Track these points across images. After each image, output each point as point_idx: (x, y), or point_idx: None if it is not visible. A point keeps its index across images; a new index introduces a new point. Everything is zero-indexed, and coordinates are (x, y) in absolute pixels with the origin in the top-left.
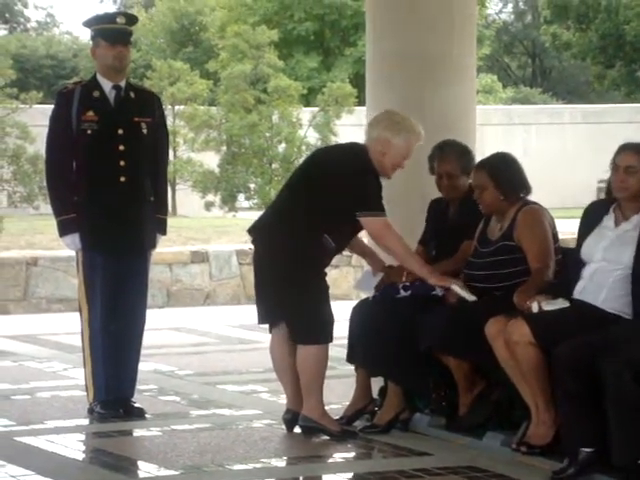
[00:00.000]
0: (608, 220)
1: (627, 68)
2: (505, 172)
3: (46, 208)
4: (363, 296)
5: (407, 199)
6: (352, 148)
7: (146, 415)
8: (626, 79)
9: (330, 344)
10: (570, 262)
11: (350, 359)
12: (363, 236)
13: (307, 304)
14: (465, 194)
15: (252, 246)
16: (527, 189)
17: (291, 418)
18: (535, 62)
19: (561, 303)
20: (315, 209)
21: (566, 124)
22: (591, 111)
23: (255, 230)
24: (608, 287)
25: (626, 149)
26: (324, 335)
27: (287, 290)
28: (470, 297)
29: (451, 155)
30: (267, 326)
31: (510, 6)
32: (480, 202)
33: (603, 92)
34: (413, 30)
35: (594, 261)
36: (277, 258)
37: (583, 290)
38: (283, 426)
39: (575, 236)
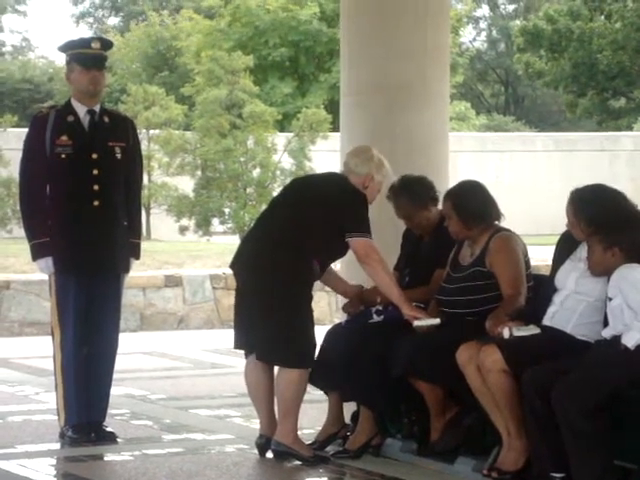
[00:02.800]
0: (581, 250)
1: (599, 97)
2: (468, 203)
3: (19, 231)
4: (336, 321)
5: (380, 225)
6: (336, 175)
7: (118, 439)
8: (598, 108)
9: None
10: (542, 289)
11: (313, 382)
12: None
13: (295, 327)
14: (438, 222)
15: (233, 276)
16: (492, 218)
17: (264, 443)
18: (508, 90)
19: (532, 329)
20: (303, 235)
21: (539, 152)
22: (563, 139)
23: (237, 263)
24: (578, 314)
25: (568, 203)
26: (307, 359)
27: (274, 313)
28: (435, 321)
29: (399, 199)
30: (240, 351)
31: (483, 34)
32: (449, 230)
33: (575, 120)
34: (387, 57)
35: (566, 289)
36: (265, 282)
37: (553, 316)
38: (255, 451)
39: (547, 263)
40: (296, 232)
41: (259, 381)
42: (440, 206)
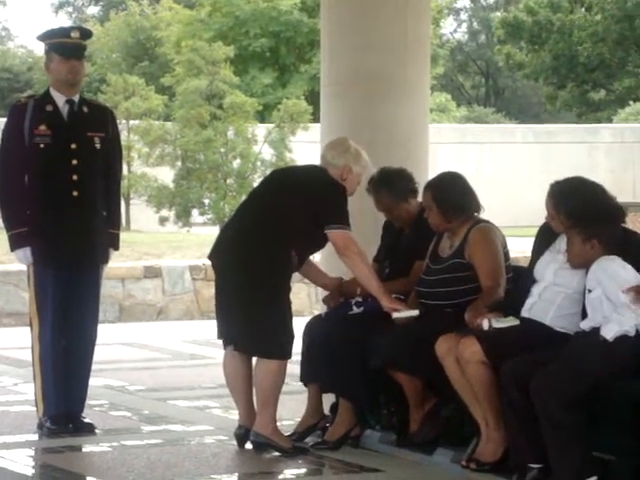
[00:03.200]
0: (560, 242)
1: (579, 89)
2: (447, 194)
3: None
4: (316, 312)
5: (360, 217)
6: (315, 167)
7: (96, 430)
8: (578, 100)
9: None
10: (521, 281)
11: (303, 378)
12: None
13: (273, 318)
14: (418, 214)
15: (211, 266)
16: (472, 209)
17: (243, 434)
18: (488, 82)
19: (511, 321)
20: (283, 225)
21: (518, 143)
22: (543, 131)
23: (216, 253)
24: (557, 305)
25: (547, 196)
26: (286, 350)
27: (253, 304)
28: (413, 312)
29: (378, 192)
30: (220, 342)
31: (464, 26)
32: (429, 221)
33: (555, 112)
34: (367, 48)
35: (544, 280)
36: (244, 273)
37: (532, 308)
38: (234, 442)
39: (526, 255)
40: (275, 223)
41: (237, 372)
42: (420, 198)
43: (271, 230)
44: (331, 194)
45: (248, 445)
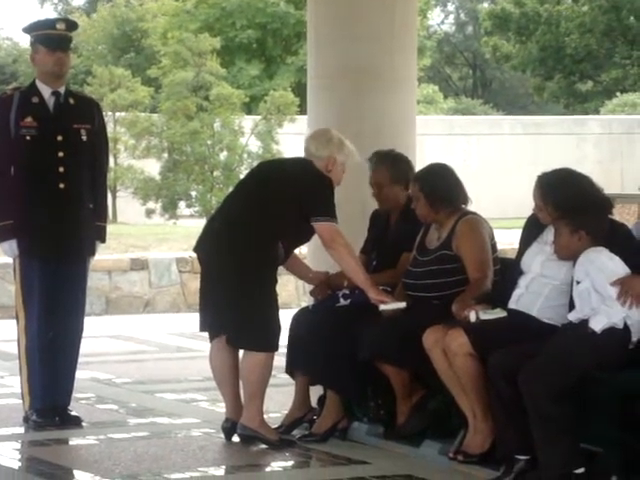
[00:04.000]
0: (547, 234)
1: (566, 80)
2: (436, 185)
3: None
4: (303, 304)
5: (347, 207)
6: (302, 160)
7: (83, 423)
8: (565, 91)
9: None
10: (508, 272)
11: (288, 369)
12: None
13: (259, 311)
14: (405, 205)
15: (197, 258)
16: (460, 201)
17: (230, 427)
18: (476, 73)
19: (499, 313)
20: (269, 217)
21: (506, 135)
22: (531, 122)
23: (202, 245)
24: (544, 297)
25: (535, 187)
26: (273, 343)
27: (239, 297)
28: (400, 304)
29: (379, 165)
30: (207, 335)
31: (451, 17)
32: (416, 212)
33: (543, 104)
34: (353, 40)
35: (531, 272)
36: (230, 265)
37: (519, 299)
38: (222, 435)
39: (514, 247)
40: (261, 215)
41: (224, 365)
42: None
43: (257, 222)
44: (317, 186)
45: (235, 438)
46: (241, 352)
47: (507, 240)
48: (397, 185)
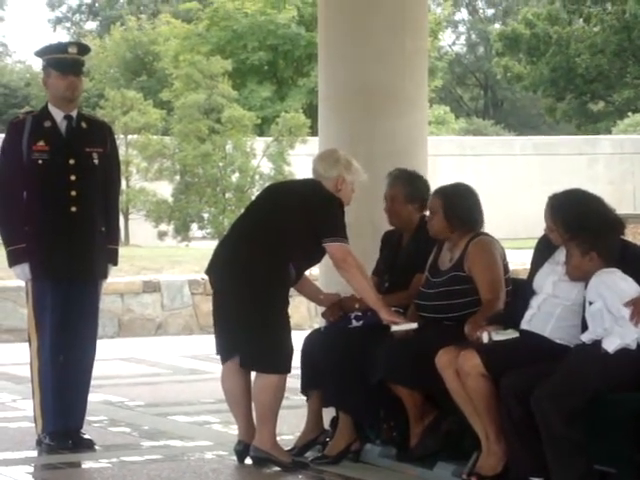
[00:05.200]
0: (559, 254)
1: (578, 100)
2: (458, 205)
3: None
4: (316, 326)
5: (358, 228)
6: (311, 181)
7: (95, 447)
8: (577, 111)
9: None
10: (520, 293)
11: (304, 389)
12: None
13: (272, 333)
14: (418, 226)
15: (209, 281)
16: (477, 225)
17: (242, 449)
18: (487, 94)
19: (511, 333)
20: (280, 239)
21: (517, 155)
22: (542, 142)
23: (213, 268)
24: (556, 317)
25: (546, 208)
26: (286, 365)
27: (251, 319)
28: (412, 325)
29: (397, 181)
30: (219, 357)
31: (463, 38)
32: (429, 226)
33: (554, 124)
34: (365, 61)
35: (543, 292)
36: (242, 288)
37: (531, 320)
38: (234, 457)
39: (526, 267)
40: (272, 237)
41: (236, 387)
42: (425, 212)
43: (268, 244)
44: (328, 207)
45: (248, 460)
46: (253, 374)
47: (519, 260)
48: (411, 204)
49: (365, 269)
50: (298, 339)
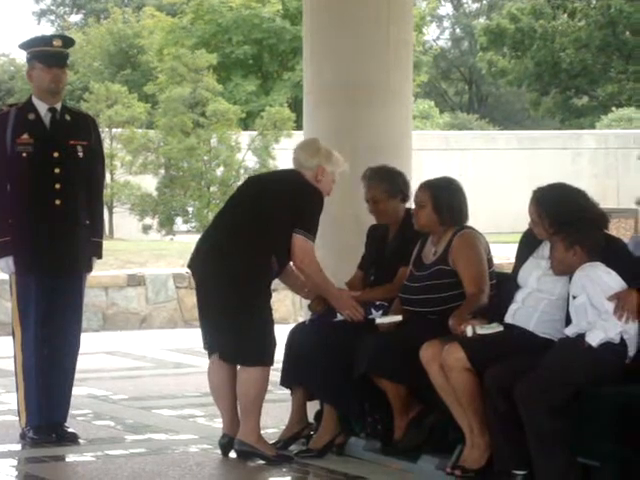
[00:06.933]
0: (543, 249)
1: (562, 95)
2: (447, 198)
3: None
4: (300, 319)
5: (341, 222)
6: (291, 171)
7: (80, 440)
8: (561, 106)
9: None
10: (504, 287)
11: (283, 382)
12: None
13: (255, 326)
14: (403, 220)
15: (191, 275)
16: (464, 219)
17: (227, 443)
18: (472, 88)
19: (495, 327)
20: (260, 231)
21: (502, 150)
22: (526, 137)
23: (196, 262)
24: (540, 311)
25: (530, 202)
26: (268, 357)
27: (234, 312)
28: (396, 318)
29: (374, 181)
30: (203, 350)
31: (447, 33)
32: (416, 219)
33: (538, 119)
34: (349, 55)
35: (527, 287)
36: (224, 281)
37: (515, 314)
38: (219, 451)
39: (510, 261)
40: (253, 230)
41: (221, 380)
42: (409, 204)
43: (249, 237)
44: (305, 198)
45: (232, 454)
46: (238, 368)
47: (503, 254)
48: (394, 199)
49: (319, 264)
50: (283, 332)
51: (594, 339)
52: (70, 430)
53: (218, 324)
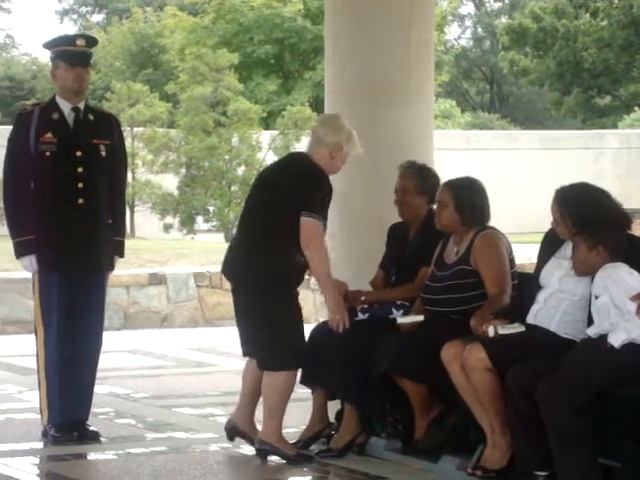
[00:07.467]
0: (566, 249)
1: (584, 95)
2: (469, 198)
3: (2, 229)
4: (321, 319)
5: (365, 223)
6: (295, 154)
7: (101, 438)
8: (583, 106)
9: None
10: (526, 287)
11: (304, 382)
12: None
13: (275, 329)
14: (425, 219)
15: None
16: (486, 219)
17: (231, 428)
18: (493, 88)
19: (517, 327)
20: (278, 230)
21: (523, 150)
22: (548, 137)
23: (227, 267)
24: (562, 312)
25: (553, 202)
26: (294, 360)
27: (257, 317)
28: (418, 318)
29: (407, 172)
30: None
31: (469, 32)
32: (437, 219)
33: (560, 118)
34: (370, 55)
35: (549, 287)
36: (248, 285)
37: (537, 314)
38: (239, 450)
39: (532, 261)
40: (271, 229)
41: (254, 381)
42: (433, 205)
43: (269, 239)
44: (307, 182)
45: (252, 451)
46: None
47: (525, 255)
48: (421, 196)
49: (328, 256)
50: (306, 332)
51: (616, 340)
52: (92, 428)
53: (247, 327)
